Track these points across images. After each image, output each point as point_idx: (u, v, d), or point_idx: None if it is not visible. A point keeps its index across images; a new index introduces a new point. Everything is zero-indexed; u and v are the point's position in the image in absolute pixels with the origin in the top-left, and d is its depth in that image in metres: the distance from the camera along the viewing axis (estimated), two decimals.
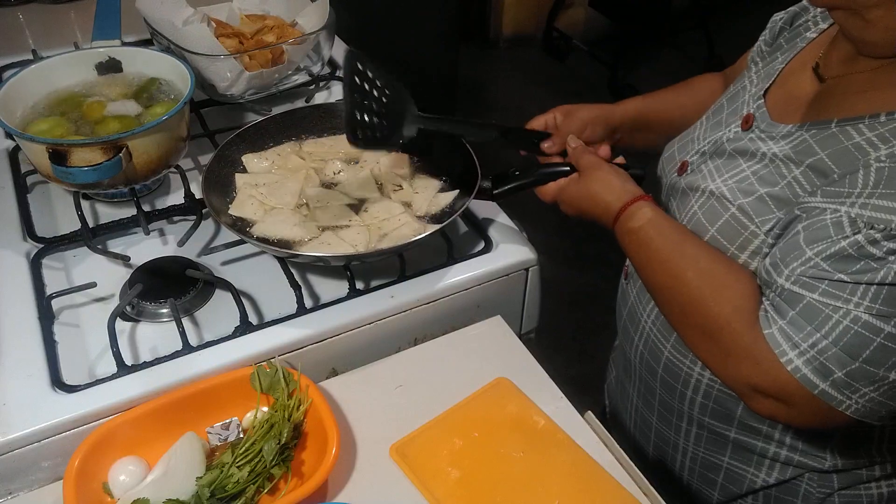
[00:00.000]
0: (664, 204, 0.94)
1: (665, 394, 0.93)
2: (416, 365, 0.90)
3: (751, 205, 0.79)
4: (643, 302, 0.95)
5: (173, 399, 0.78)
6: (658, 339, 0.92)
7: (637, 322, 0.96)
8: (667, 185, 0.94)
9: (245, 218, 0.93)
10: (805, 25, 0.90)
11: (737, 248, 0.79)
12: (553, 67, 3.85)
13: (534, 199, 0.94)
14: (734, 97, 0.91)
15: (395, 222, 0.94)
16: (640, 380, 0.98)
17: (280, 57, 1.19)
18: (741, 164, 0.82)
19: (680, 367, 0.89)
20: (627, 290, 1.00)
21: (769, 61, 0.91)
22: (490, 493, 0.76)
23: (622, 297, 1.02)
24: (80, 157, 0.90)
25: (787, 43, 0.91)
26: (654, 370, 0.93)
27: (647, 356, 0.94)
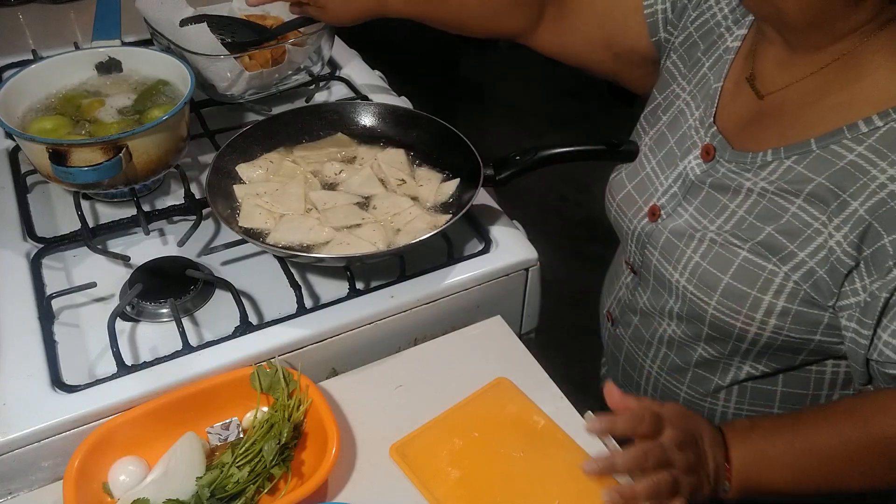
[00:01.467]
0: (635, 252, 0.91)
1: None
2: (416, 365, 0.90)
3: (763, 244, 0.76)
4: (642, 347, 0.94)
5: (173, 399, 0.78)
6: (670, 382, 0.91)
7: (639, 367, 0.96)
8: (634, 231, 0.91)
9: (257, 229, 0.93)
10: (717, 27, 0.87)
11: (758, 291, 0.76)
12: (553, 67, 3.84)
13: (534, 199, 0.95)
14: (674, 123, 0.89)
15: (406, 216, 0.94)
16: None
17: (280, 57, 1.19)
18: (727, 204, 0.80)
19: (700, 405, 0.88)
20: (617, 335, 0.99)
21: (695, 70, 0.88)
22: (490, 492, 0.76)
23: (613, 343, 1.01)
24: (80, 157, 0.90)
25: (704, 45, 0.88)
26: None
27: (660, 399, 0.93)
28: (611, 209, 0.96)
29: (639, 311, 0.93)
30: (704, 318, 0.82)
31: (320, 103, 1.22)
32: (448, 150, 1.02)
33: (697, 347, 0.87)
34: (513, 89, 3.69)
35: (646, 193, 0.89)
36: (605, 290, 1.05)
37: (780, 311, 0.76)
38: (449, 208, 0.97)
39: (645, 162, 0.91)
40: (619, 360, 1.00)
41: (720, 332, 0.82)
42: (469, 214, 0.99)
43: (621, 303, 0.98)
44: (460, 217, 0.90)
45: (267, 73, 1.18)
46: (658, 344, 0.91)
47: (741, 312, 0.78)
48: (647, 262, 0.89)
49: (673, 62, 0.93)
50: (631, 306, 0.95)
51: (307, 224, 0.92)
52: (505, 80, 3.76)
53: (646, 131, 0.95)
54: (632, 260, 0.93)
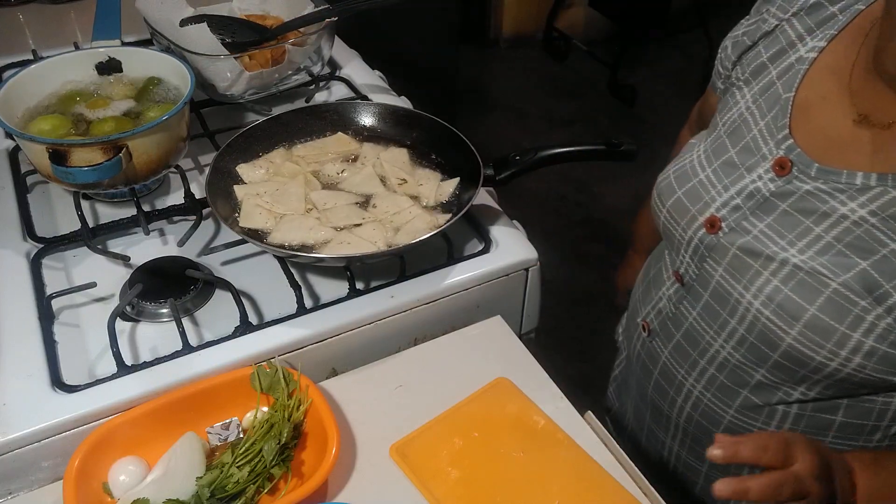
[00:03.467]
0: (689, 263, 0.86)
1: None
2: (416, 365, 0.90)
3: (856, 280, 0.70)
4: (684, 364, 0.89)
5: (173, 399, 0.78)
6: (715, 404, 0.87)
7: (677, 384, 0.91)
8: (690, 241, 0.85)
9: (257, 229, 0.93)
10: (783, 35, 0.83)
11: (847, 327, 0.71)
12: (553, 67, 3.85)
13: (534, 199, 0.95)
14: (736, 132, 0.84)
15: (406, 215, 0.94)
16: (684, 434, 0.94)
17: (280, 57, 1.19)
18: (811, 227, 0.74)
19: (747, 429, 0.85)
20: (653, 347, 0.94)
21: (760, 77, 0.84)
22: (490, 492, 0.76)
23: (647, 354, 0.96)
24: (80, 157, 0.90)
25: (769, 52, 0.84)
26: (709, 430, 0.89)
27: (699, 418, 0.89)
28: (659, 214, 0.90)
29: (685, 326, 0.88)
30: (779, 346, 0.76)
31: (320, 103, 1.22)
32: (448, 150, 1.02)
33: (757, 373, 0.81)
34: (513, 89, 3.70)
35: (699, 202, 0.84)
36: (640, 298, 0.99)
37: (867, 351, 0.71)
38: (449, 208, 0.97)
39: (698, 168, 0.86)
40: (653, 373, 0.95)
41: (793, 362, 0.76)
42: (469, 214, 0.99)
43: (662, 314, 0.92)
44: (460, 217, 0.90)
45: (267, 73, 1.18)
46: (706, 364, 0.86)
47: (825, 347, 0.72)
48: (704, 277, 0.83)
49: (735, 70, 0.90)
50: (675, 320, 0.89)
51: (307, 224, 0.92)
52: (505, 80, 3.77)
53: (703, 139, 0.89)
54: (683, 271, 0.87)
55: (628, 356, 1.06)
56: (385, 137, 1.08)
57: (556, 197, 2.97)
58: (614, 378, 1.16)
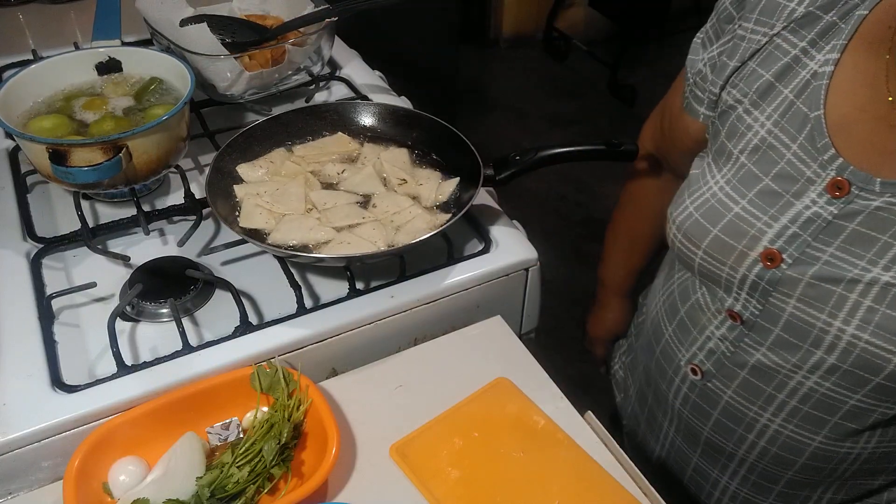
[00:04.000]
0: (747, 300, 0.81)
1: (804, 475, 0.87)
2: (416, 365, 0.90)
3: None
4: (757, 401, 0.85)
5: (173, 399, 0.78)
6: (800, 434, 0.83)
7: (748, 420, 0.87)
8: (744, 280, 0.80)
9: (257, 229, 0.92)
10: (779, 51, 0.79)
11: None
12: (553, 67, 3.86)
13: (534, 199, 0.95)
14: (763, 159, 0.79)
15: (406, 215, 0.94)
16: (750, 469, 0.91)
17: (280, 57, 1.19)
18: (891, 242, 0.71)
19: (835, 452, 0.83)
20: (710, 388, 0.89)
21: (770, 99, 0.79)
22: (490, 492, 0.76)
23: (702, 397, 0.91)
24: (80, 157, 0.90)
25: (773, 71, 0.79)
26: (790, 460, 0.86)
27: (778, 451, 0.86)
28: (694, 258, 0.85)
29: (751, 363, 0.83)
30: (884, 368, 0.73)
31: (320, 103, 1.22)
32: (448, 150, 1.02)
33: (851, 399, 0.78)
34: (513, 89, 3.70)
35: (745, 237, 0.79)
36: (673, 339, 0.93)
37: None
38: (449, 208, 0.97)
39: (728, 202, 0.81)
40: (711, 415, 0.90)
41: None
42: (469, 214, 0.99)
43: (716, 354, 0.87)
44: (460, 217, 0.90)
45: (267, 73, 1.18)
46: (786, 397, 0.82)
47: None
48: (772, 312, 0.79)
49: (728, 92, 0.85)
50: (736, 358, 0.85)
51: (308, 224, 0.92)
52: (505, 80, 3.77)
53: (719, 168, 0.84)
54: (740, 309, 0.82)
55: (658, 397, 1.00)
56: (385, 137, 1.08)
57: (556, 197, 2.97)
58: (629, 423, 1.11)
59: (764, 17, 0.81)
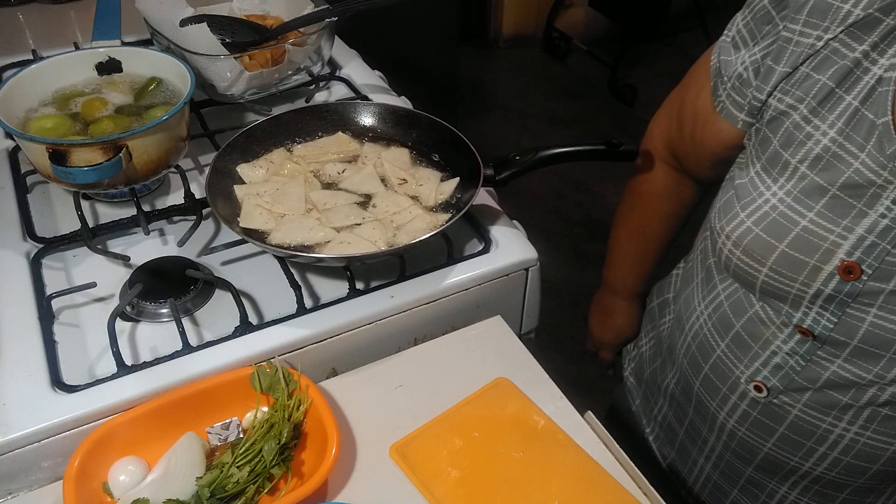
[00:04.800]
0: (820, 315, 0.79)
1: (877, 482, 0.85)
2: (416, 365, 0.90)
3: None
4: (831, 412, 0.82)
5: (173, 399, 0.78)
6: (877, 440, 0.81)
7: (821, 433, 0.84)
8: (819, 294, 0.78)
9: (257, 229, 0.92)
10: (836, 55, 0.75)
11: None
12: (553, 67, 3.86)
13: (534, 199, 0.95)
14: (828, 168, 0.76)
15: (406, 215, 0.94)
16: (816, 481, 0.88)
17: (280, 57, 1.19)
18: None
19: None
20: (776, 405, 0.86)
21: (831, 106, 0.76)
22: (490, 492, 0.76)
23: (766, 415, 0.88)
24: (80, 157, 0.90)
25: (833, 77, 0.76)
26: (865, 468, 0.84)
27: (852, 460, 0.84)
28: (758, 275, 0.82)
29: (826, 376, 0.81)
30: None
31: (320, 103, 1.22)
32: (448, 150, 1.02)
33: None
34: (513, 89, 3.70)
35: (817, 251, 0.76)
36: (728, 355, 0.89)
37: None
38: (449, 208, 0.97)
39: (794, 215, 0.78)
40: (776, 430, 0.87)
41: None
42: (469, 214, 0.99)
43: (782, 370, 0.84)
44: (460, 217, 0.90)
45: (267, 73, 1.18)
46: (865, 404, 0.80)
47: None
48: (850, 324, 0.77)
49: (779, 99, 0.81)
50: (807, 374, 0.82)
51: (308, 224, 0.92)
52: (505, 80, 3.77)
53: (776, 180, 0.81)
54: (811, 324, 0.80)
55: (699, 413, 0.97)
56: (385, 137, 1.08)
57: (556, 197, 2.97)
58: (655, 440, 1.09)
59: (814, 19, 0.76)
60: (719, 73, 0.88)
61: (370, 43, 1.47)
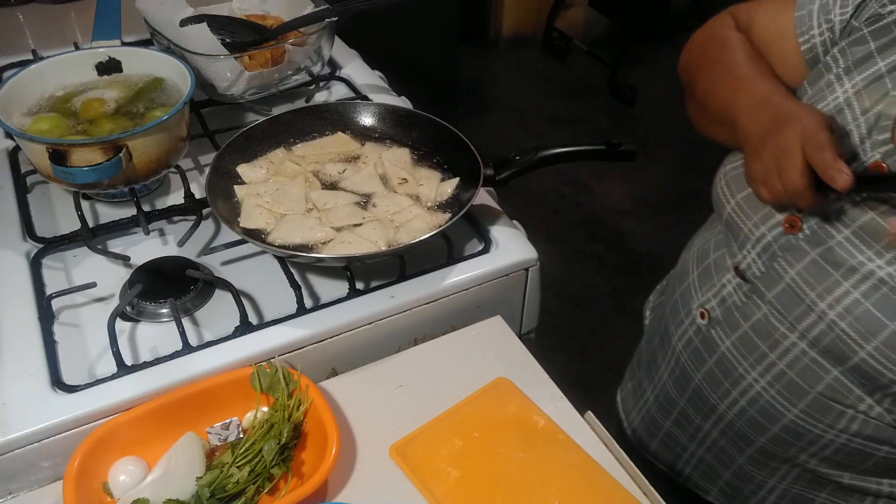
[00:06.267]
0: (755, 260, 0.82)
1: (775, 445, 0.87)
2: (416, 365, 0.90)
3: None
4: (749, 357, 0.84)
5: (173, 399, 0.78)
6: (778, 401, 0.83)
7: (736, 376, 0.87)
8: (760, 238, 0.81)
9: (258, 229, 0.92)
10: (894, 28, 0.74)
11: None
12: (553, 67, 3.85)
13: (534, 199, 0.95)
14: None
15: (406, 214, 0.94)
16: (729, 426, 0.91)
17: (280, 57, 1.19)
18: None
19: (810, 430, 0.82)
20: (711, 336, 0.89)
21: (865, 66, 0.75)
22: (490, 492, 0.76)
23: (701, 342, 0.92)
24: (80, 157, 0.90)
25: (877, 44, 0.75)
26: (765, 427, 0.86)
27: (755, 413, 0.86)
28: (726, 204, 0.85)
29: (755, 318, 0.84)
30: (850, 359, 0.74)
31: (320, 103, 1.22)
32: (448, 150, 1.02)
33: (828, 376, 0.78)
34: (513, 89, 3.70)
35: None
36: (695, 283, 0.93)
37: None
38: (449, 208, 0.97)
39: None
40: (706, 362, 0.91)
41: (863, 376, 0.75)
42: (469, 214, 0.99)
43: (726, 303, 0.87)
44: (460, 217, 0.90)
45: (267, 73, 1.18)
46: (777, 358, 0.82)
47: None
48: (773, 276, 0.79)
49: (832, 56, 0.81)
50: (743, 311, 0.85)
51: (308, 224, 0.92)
52: (505, 80, 3.77)
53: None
54: (745, 266, 0.83)
55: (662, 341, 1.00)
56: (385, 137, 1.08)
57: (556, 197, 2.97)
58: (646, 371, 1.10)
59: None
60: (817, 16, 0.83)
61: (370, 43, 1.47)
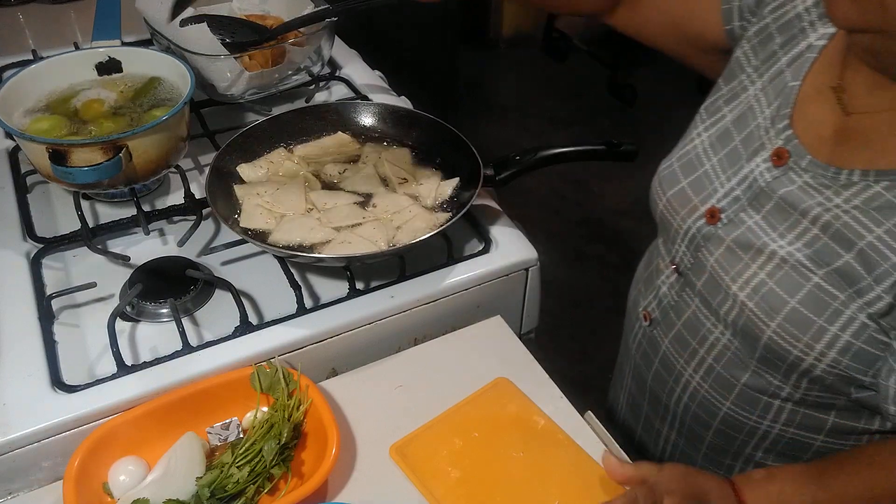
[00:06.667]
0: (685, 253, 0.85)
1: (720, 440, 0.89)
2: (416, 365, 0.90)
3: (839, 272, 0.70)
4: (684, 353, 0.88)
5: (173, 399, 0.78)
6: (712, 395, 0.86)
7: (676, 373, 0.90)
8: (688, 231, 0.84)
9: (258, 229, 0.92)
10: (798, 20, 0.80)
11: (825, 321, 0.71)
12: (553, 67, 3.85)
13: (534, 199, 0.95)
14: (742, 119, 0.82)
15: (406, 214, 0.94)
16: (681, 424, 0.93)
17: (280, 57, 1.19)
18: (800, 219, 0.74)
19: (744, 422, 0.85)
20: (654, 336, 0.93)
21: (769, 64, 0.82)
22: (490, 492, 0.76)
23: (648, 343, 0.95)
24: (80, 157, 0.90)
25: (781, 38, 0.81)
26: (707, 422, 0.88)
27: (696, 409, 0.89)
28: (658, 202, 0.89)
29: (687, 314, 0.87)
30: (760, 338, 0.76)
31: (320, 103, 1.22)
32: (448, 150, 1.02)
33: (750, 365, 0.81)
34: (513, 89, 3.70)
35: (703, 192, 0.83)
36: (642, 287, 0.97)
37: (842, 347, 0.71)
38: (449, 208, 0.97)
39: (704, 157, 0.84)
40: (653, 362, 0.94)
41: (774, 356, 0.77)
42: (469, 214, 0.99)
43: (663, 303, 0.91)
44: (460, 217, 0.90)
45: (267, 73, 1.18)
46: (705, 353, 0.85)
47: (801, 340, 0.73)
48: (699, 266, 0.83)
49: (744, 52, 0.86)
50: (677, 309, 0.88)
51: (308, 224, 0.92)
52: (505, 80, 3.77)
53: (705, 123, 0.87)
54: (678, 260, 0.86)
55: (626, 344, 1.04)
56: (385, 137, 1.08)
57: (556, 197, 2.97)
58: (621, 378, 1.13)
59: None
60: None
61: (370, 43, 1.47)
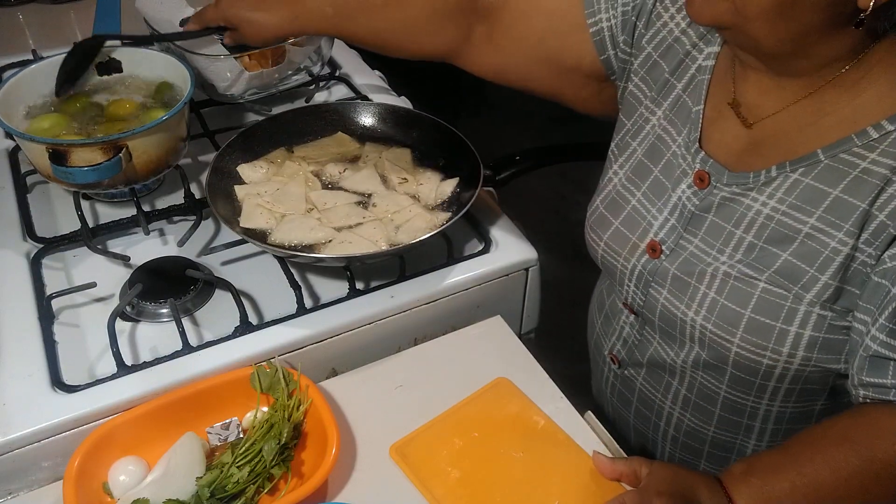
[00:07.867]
0: (635, 292, 0.84)
1: (715, 466, 0.89)
2: (416, 365, 0.90)
3: (781, 273, 0.71)
4: (660, 388, 0.88)
5: (173, 399, 0.78)
6: (694, 423, 0.86)
7: (657, 409, 0.90)
8: (633, 270, 0.83)
9: (258, 229, 0.92)
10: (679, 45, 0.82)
11: (783, 322, 0.71)
12: None
13: (534, 199, 0.95)
14: (653, 151, 0.83)
15: (406, 214, 0.94)
16: (671, 457, 0.93)
17: (280, 57, 1.19)
18: (733, 231, 0.75)
19: (732, 443, 0.85)
20: (627, 376, 0.93)
21: (665, 93, 0.83)
22: (490, 493, 0.76)
23: (622, 384, 0.94)
24: (80, 157, 0.90)
25: (669, 65, 0.82)
26: (698, 449, 0.89)
27: (684, 438, 0.89)
28: (597, 249, 0.89)
29: (650, 351, 0.87)
30: (728, 357, 0.76)
31: (320, 103, 1.22)
32: (448, 150, 1.02)
33: (720, 391, 0.81)
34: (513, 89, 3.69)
35: (638, 229, 0.83)
36: (601, 331, 0.97)
37: (808, 342, 0.71)
38: (448, 208, 0.97)
39: (627, 195, 0.85)
40: (632, 401, 0.94)
41: (746, 371, 0.77)
42: (469, 214, 0.99)
43: (627, 344, 0.91)
44: (460, 217, 0.90)
45: (267, 73, 1.18)
46: (678, 385, 0.85)
47: (767, 347, 0.73)
48: (651, 303, 0.82)
49: (636, 85, 0.87)
50: (640, 348, 0.88)
51: (308, 224, 0.92)
52: None
53: (619, 161, 0.88)
54: (630, 301, 0.86)
55: (598, 388, 1.03)
56: (385, 137, 1.08)
57: (556, 197, 2.97)
58: (608, 414, 1.10)
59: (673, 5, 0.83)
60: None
61: None
